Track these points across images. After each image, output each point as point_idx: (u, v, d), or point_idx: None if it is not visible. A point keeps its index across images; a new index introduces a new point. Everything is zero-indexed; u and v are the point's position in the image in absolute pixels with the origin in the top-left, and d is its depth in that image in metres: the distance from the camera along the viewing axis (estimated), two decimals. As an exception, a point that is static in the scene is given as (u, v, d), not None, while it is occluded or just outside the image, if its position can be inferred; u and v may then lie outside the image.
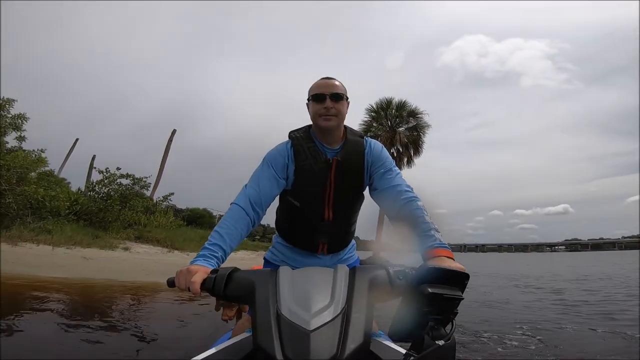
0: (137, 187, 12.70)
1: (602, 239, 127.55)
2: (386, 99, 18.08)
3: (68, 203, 10.18)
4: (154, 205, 14.73)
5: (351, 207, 1.25)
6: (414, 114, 17.89)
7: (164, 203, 15.46)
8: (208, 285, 0.81)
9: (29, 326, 3.18)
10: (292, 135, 1.21)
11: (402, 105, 17.88)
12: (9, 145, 9.85)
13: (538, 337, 3.59)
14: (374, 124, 18.17)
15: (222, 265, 0.92)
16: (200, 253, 0.94)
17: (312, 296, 0.69)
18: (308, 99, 1.19)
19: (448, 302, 0.63)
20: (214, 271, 0.83)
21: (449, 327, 0.65)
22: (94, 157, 20.25)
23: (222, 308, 0.98)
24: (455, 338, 0.62)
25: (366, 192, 1.24)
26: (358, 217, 1.31)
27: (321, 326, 0.62)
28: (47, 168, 10.88)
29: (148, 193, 13.94)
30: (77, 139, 22.60)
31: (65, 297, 4.72)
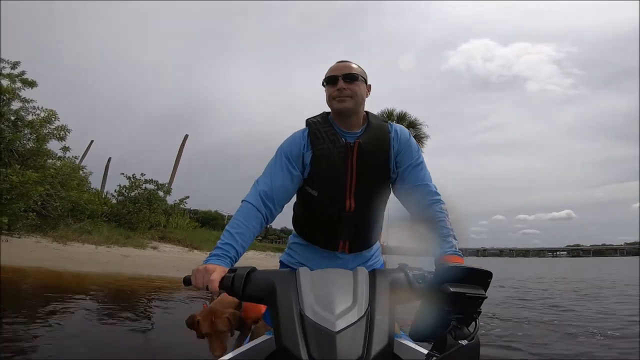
0: (161, 193, 13.94)
1: (604, 245, 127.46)
2: (387, 110, 19.23)
3: (105, 207, 11.42)
4: (171, 208, 15.98)
5: (377, 198, 1.12)
6: (414, 124, 19.06)
7: (180, 205, 16.73)
8: (226, 284, 0.80)
9: (97, 315, 4.08)
10: (309, 120, 1.14)
11: (402, 116, 19.05)
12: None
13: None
14: None
15: (235, 265, 0.90)
16: (213, 253, 0.92)
17: (334, 297, 0.69)
18: (323, 84, 1.12)
19: (471, 301, 0.62)
20: (231, 270, 0.82)
21: (472, 326, 0.62)
22: (109, 160, 21.51)
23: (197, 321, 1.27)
24: (479, 338, 0.61)
25: None
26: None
27: (346, 327, 0.62)
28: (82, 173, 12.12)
29: (169, 197, 15.12)
30: (92, 141, 23.64)
31: (119, 290, 5.90)
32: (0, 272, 5.04)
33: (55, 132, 10.26)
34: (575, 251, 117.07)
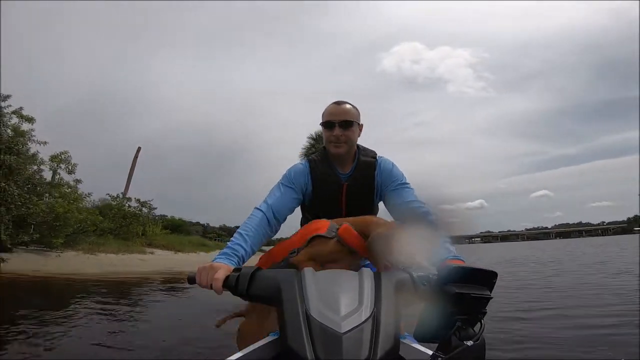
0: (145, 209, 16.99)
1: (509, 231, 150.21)
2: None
3: (112, 223, 14.36)
4: (146, 219, 18.82)
5: None
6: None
7: (151, 214, 19.54)
8: (230, 283, 0.80)
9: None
10: (310, 158, 1.30)
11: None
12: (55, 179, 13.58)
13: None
14: (312, 149, 20.96)
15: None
16: (222, 251, 0.96)
17: (340, 298, 0.68)
18: (322, 124, 1.27)
19: (476, 301, 0.62)
20: (236, 269, 0.82)
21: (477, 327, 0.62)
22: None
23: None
24: (485, 338, 0.60)
25: (382, 206, 1.29)
26: None
27: (353, 329, 0.62)
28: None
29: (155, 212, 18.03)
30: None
31: (151, 282, 9.02)
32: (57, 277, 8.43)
33: (66, 167, 12.88)
34: (487, 238, 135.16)
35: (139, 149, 24.71)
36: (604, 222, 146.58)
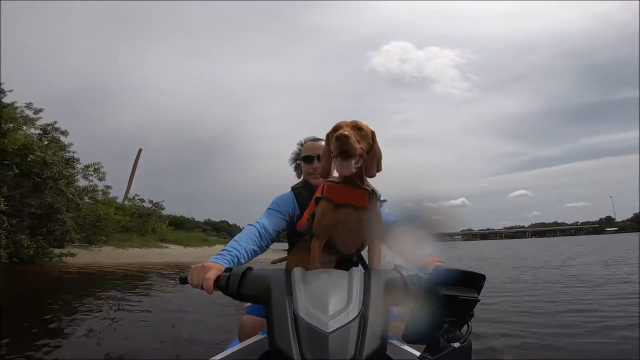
0: (157, 209, 19.64)
1: (489, 229, 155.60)
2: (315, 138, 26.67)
3: (134, 222, 17.01)
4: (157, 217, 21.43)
5: None
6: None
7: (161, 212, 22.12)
8: (221, 283, 0.81)
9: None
10: (294, 188, 1.43)
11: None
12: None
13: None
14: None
15: None
16: (217, 254, 1.00)
17: (328, 298, 0.69)
18: (301, 159, 1.44)
19: (464, 304, 0.63)
20: (228, 269, 0.84)
21: (465, 329, 0.64)
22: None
23: None
24: (472, 340, 0.62)
25: None
26: None
27: (339, 328, 0.62)
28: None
29: (163, 212, 20.63)
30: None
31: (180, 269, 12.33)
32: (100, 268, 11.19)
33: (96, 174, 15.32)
34: (467, 235, 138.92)
35: (140, 150, 25.77)
36: (578, 222, 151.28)
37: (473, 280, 0.65)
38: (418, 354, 0.66)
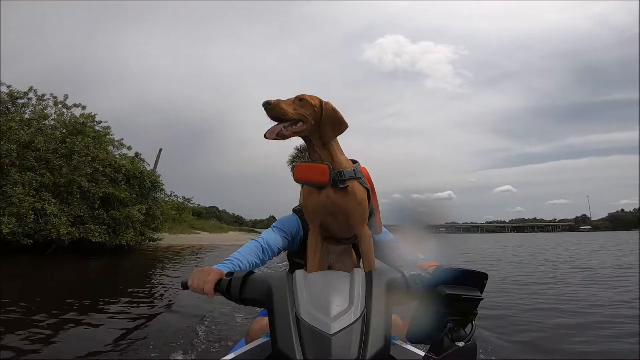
0: (187, 203, 24.94)
1: (472, 223, 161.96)
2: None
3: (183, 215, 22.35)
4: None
5: None
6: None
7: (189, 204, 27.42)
8: (223, 287, 0.81)
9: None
10: (297, 210, 1.42)
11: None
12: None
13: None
14: (296, 159, 21.70)
15: None
16: (219, 263, 1.03)
17: (330, 300, 0.69)
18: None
19: (467, 303, 0.63)
20: (229, 274, 0.84)
21: (469, 328, 0.64)
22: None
23: None
24: (476, 339, 0.62)
25: None
26: None
27: (342, 330, 0.62)
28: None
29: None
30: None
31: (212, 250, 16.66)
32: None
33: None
34: (451, 228, 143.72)
35: (160, 150, 28.08)
36: (556, 219, 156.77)
37: (475, 279, 0.66)
38: (422, 354, 0.66)
